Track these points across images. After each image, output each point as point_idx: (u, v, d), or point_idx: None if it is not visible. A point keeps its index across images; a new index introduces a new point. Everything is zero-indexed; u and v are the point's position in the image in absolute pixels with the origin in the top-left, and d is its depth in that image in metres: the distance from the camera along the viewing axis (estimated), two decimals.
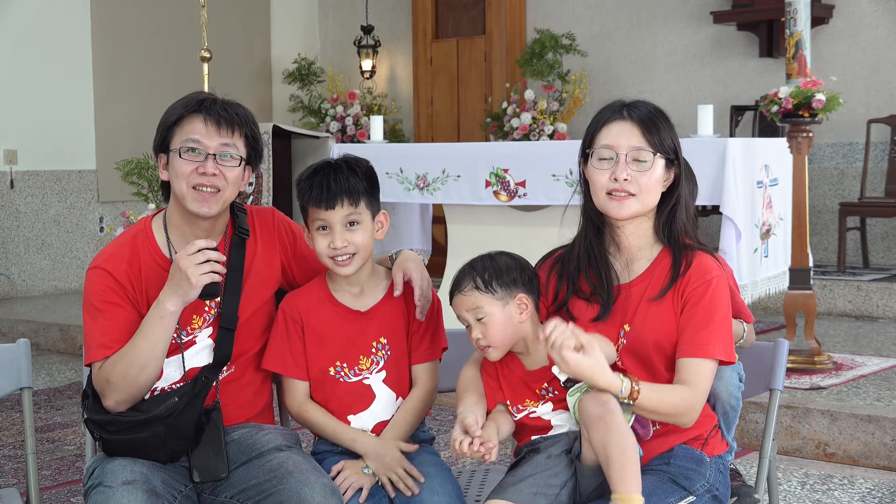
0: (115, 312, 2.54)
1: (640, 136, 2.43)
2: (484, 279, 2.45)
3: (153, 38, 9.77)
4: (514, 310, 2.45)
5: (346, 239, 2.55)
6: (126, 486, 2.39)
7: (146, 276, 2.57)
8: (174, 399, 2.50)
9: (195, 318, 2.59)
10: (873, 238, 8.10)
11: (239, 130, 2.56)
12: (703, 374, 2.38)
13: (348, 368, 2.62)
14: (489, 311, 2.44)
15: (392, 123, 10.11)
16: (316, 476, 2.45)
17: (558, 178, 5.87)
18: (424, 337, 2.67)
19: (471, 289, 2.46)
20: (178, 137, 2.55)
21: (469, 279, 2.47)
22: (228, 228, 2.66)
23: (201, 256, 2.41)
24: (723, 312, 2.42)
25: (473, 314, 2.46)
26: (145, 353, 2.47)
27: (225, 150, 2.54)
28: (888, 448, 4.57)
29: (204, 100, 2.57)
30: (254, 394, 2.69)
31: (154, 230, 2.64)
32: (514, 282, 2.46)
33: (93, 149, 9.44)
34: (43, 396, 6.14)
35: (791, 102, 5.22)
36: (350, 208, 2.55)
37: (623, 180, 2.42)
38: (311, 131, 9.31)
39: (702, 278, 2.42)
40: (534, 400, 2.45)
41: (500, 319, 2.44)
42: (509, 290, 2.45)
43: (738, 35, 8.76)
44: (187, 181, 2.52)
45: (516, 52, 9.55)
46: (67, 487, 4.41)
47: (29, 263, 9.16)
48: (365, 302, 2.65)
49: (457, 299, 2.49)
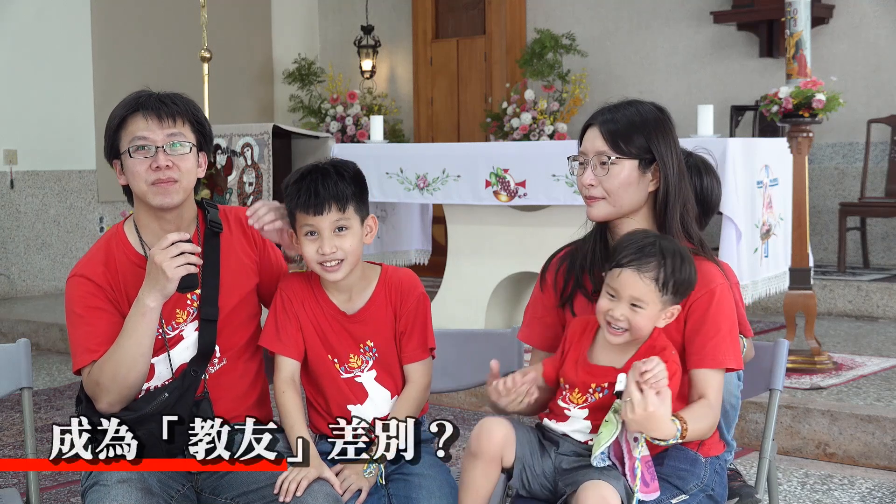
0: (97, 316, 2.56)
1: (603, 141, 2.46)
2: (666, 276, 2.32)
3: (153, 38, 9.77)
4: (664, 315, 2.37)
5: (335, 244, 2.53)
6: (121, 485, 2.40)
7: (123, 276, 2.59)
8: (164, 395, 2.51)
9: (178, 312, 2.60)
10: (873, 238, 8.10)
11: (181, 118, 2.57)
12: (716, 384, 2.40)
13: (339, 364, 2.63)
14: (649, 308, 2.34)
15: (392, 123, 10.11)
16: (318, 484, 2.44)
17: (558, 178, 5.87)
18: (412, 337, 2.66)
19: (651, 278, 2.32)
20: (125, 139, 2.56)
21: (656, 266, 2.33)
22: (200, 224, 2.68)
23: (175, 249, 2.42)
24: (730, 320, 2.43)
25: (630, 298, 2.33)
26: (132, 352, 2.48)
27: (173, 140, 2.56)
28: (888, 448, 4.56)
29: (140, 97, 2.59)
30: (248, 386, 2.69)
31: (126, 232, 2.66)
32: (686, 288, 2.36)
33: (93, 149, 9.44)
34: (43, 396, 6.14)
35: (791, 102, 5.21)
36: (338, 214, 2.53)
37: (588, 185, 2.48)
38: (311, 131, 9.29)
39: (705, 287, 2.42)
40: (582, 392, 2.41)
41: (651, 318, 2.35)
42: (675, 298, 2.35)
43: (738, 35, 8.76)
44: (144, 179, 2.54)
45: (516, 52, 9.55)
46: (67, 487, 4.41)
47: (29, 263, 9.16)
48: (353, 305, 2.65)
49: (629, 276, 2.34)
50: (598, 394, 2.39)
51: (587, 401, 2.40)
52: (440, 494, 2.52)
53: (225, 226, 2.69)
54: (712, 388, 2.39)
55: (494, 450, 2.38)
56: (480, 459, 2.39)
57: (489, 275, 6.36)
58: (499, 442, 2.38)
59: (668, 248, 2.36)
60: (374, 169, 6.55)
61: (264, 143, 7.29)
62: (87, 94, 9.42)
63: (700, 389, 2.39)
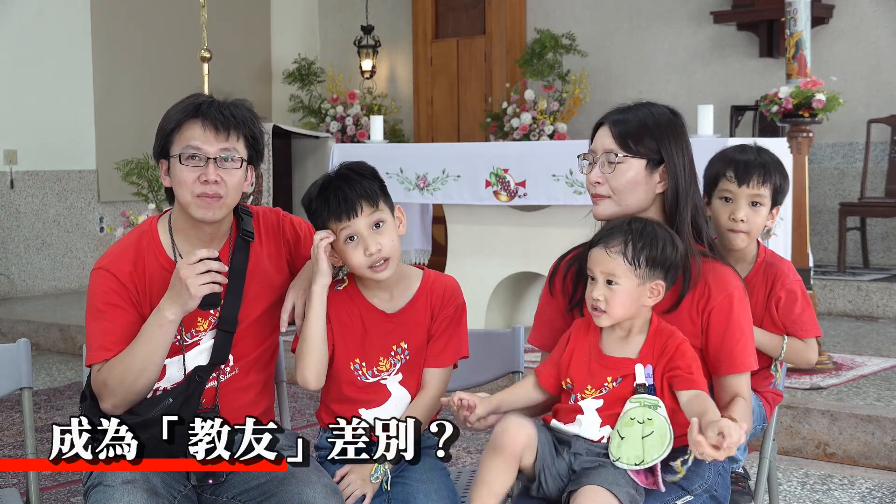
0: (116, 314, 2.53)
1: (612, 139, 2.47)
2: (636, 249, 2.35)
3: (153, 38, 9.76)
4: (646, 293, 2.37)
5: (378, 242, 2.52)
6: (126, 486, 2.38)
7: (150, 279, 2.57)
8: (168, 400, 2.50)
9: (199, 320, 2.58)
10: (873, 238, 8.10)
11: (237, 132, 2.54)
12: (746, 386, 2.45)
13: (366, 368, 2.61)
14: (623, 283, 2.35)
15: (392, 123, 10.11)
16: (317, 476, 2.44)
17: (558, 178, 5.87)
18: (439, 341, 2.64)
19: (618, 252, 2.35)
20: (178, 144, 2.53)
21: (620, 241, 2.36)
22: (233, 231, 2.65)
23: (202, 266, 2.40)
24: (749, 322, 2.46)
25: (605, 276, 2.36)
26: (143, 359, 2.47)
27: (225, 154, 2.53)
28: (888, 448, 4.56)
29: (201, 104, 2.55)
30: (256, 395, 2.68)
31: (160, 232, 2.63)
32: (661, 262, 2.36)
33: (93, 149, 9.44)
34: (43, 396, 6.13)
35: (791, 102, 5.22)
36: (372, 209, 2.52)
37: (594, 183, 2.48)
38: (311, 131, 9.30)
39: (723, 291, 2.43)
40: (595, 388, 2.41)
41: (629, 295, 2.36)
42: (652, 273, 2.36)
43: (738, 35, 8.76)
44: (190, 190, 2.51)
45: (516, 52, 9.55)
46: (67, 487, 4.41)
47: (29, 263, 9.16)
48: (394, 304, 2.63)
49: (598, 254, 2.38)
50: (613, 384, 2.39)
51: (601, 391, 2.40)
52: (437, 498, 2.51)
53: (256, 234, 2.67)
54: (744, 388, 2.43)
55: (517, 448, 2.37)
56: (502, 456, 2.37)
57: (489, 275, 6.36)
58: (522, 441, 2.37)
59: (637, 226, 2.38)
60: None
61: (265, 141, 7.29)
62: (87, 94, 9.42)
63: (733, 392, 2.43)
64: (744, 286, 2.47)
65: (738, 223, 2.84)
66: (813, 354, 2.91)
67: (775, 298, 2.86)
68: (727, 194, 2.87)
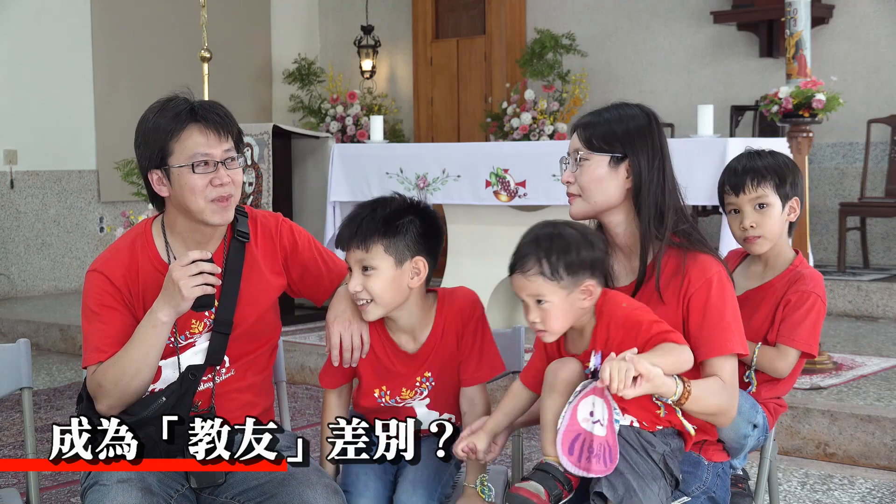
0: (110, 316, 2.54)
1: (579, 140, 2.51)
2: (551, 263, 2.29)
3: (153, 38, 9.77)
4: (579, 297, 2.32)
5: (361, 283, 2.49)
6: (121, 484, 2.39)
7: (144, 281, 2.57)
8: (161, 399, 2.50)
9: (194, 322, 2.58)
10: (873, 238, 8.10)
11: (229, 131, 2.55)
12: (728, 369, 2.39)
13: (389, 397, 2.62)
14: (552, 300, 2.30)
15: (392, 123, 10.11)
16: (317, 476, 2.45)
17: (558, 178, 5.84)
18: (471, 361, 2.61)
19: (535, 273, 2.30)
20: (181, 153, 2.50)
21: (534, 261, 2.31)
22: (228, 231, 2.65)
23: (194, 268, 2.40)
24: (732, 307, 2.43)
25: (533, 298, 2.32)
26: (137, 361, 2.47)
27: (229, 156, 2.54)
28: (888, 448, 4.56)
29: (194, 108, 2.53)
30: (255, 396, 2.68)
31: (154, 234, 2.63)
32: (581, 264, 2.30)
33: (93, 149, 9.45)
34: (43, 396, 6.13)
35: (791, 102, 5.22)
36: (362, 254, 2.49)
37: (566, 183, 2.52)
38: (311, 131, 9.28)
39: (702, 276, 2.42)
40: None
41: (562, 308, 2.31)
42: (576, 277, 2.30)
43: (738, 35, 8.76)
44: (204, 196, 2.50)
45: (516, 52, 9.55)
46: (67, 487, 4.41)
47: (29, 263, 9.16)
48: (416, 342, 2.61)
49: (518, 280, 2.33)
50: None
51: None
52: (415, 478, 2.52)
53: (252, 235, 2.67)
54: (725, 371, 2.38)
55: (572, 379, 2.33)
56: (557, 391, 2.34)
57: (489, 275, 6.36)
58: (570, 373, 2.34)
59: (544, 235, 2.34)
60: (374, 169, 6.55)
61: (264, 143, 7.28)
62: (87, 94, 9.42)
63: (713, 374, 2.38)
64: (726, 272, 2.46)
65: (748, 230, 2.84)
66: (783, 365, 2.78)
67: (785, 301, 2.82)
68: (732, 206, 2.88)
